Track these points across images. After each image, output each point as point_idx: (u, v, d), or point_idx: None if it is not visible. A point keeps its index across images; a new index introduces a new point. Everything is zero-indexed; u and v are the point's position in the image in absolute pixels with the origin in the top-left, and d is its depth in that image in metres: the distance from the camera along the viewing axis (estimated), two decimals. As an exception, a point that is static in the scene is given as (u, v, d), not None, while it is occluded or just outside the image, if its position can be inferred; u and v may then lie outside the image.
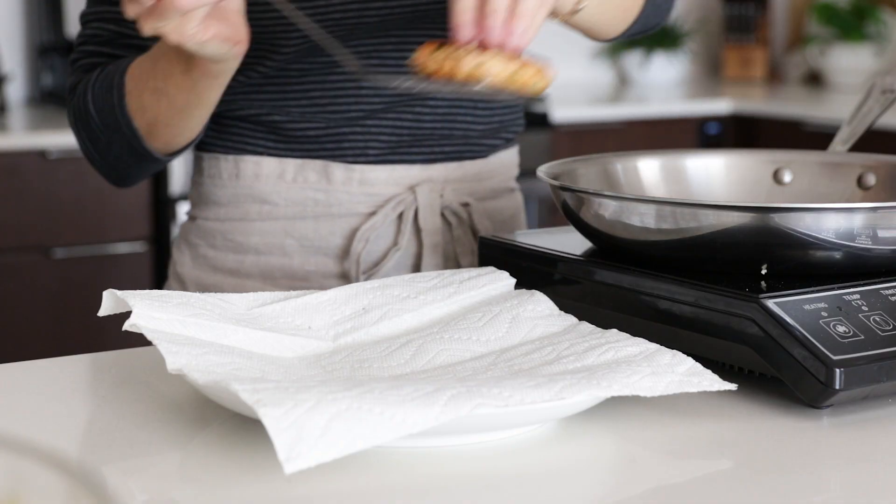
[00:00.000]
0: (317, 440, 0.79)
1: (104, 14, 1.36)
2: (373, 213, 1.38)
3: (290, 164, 1.38)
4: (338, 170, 1.37)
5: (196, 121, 1.29)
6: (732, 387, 0.93)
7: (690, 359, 0.95)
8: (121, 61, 1.31)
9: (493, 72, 0.99)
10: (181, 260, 1.45)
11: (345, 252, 1.38)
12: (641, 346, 0.97)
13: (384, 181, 1.38)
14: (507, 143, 1.47)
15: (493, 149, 1.44)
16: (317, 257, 1.38)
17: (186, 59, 1.21)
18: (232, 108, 1.38)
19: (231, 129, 1.39)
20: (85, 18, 1.38)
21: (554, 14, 1.12)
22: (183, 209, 2.99)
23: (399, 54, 1.35)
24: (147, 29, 1.10)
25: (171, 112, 1.27)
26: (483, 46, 1.02)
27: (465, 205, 1.41)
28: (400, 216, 1.38)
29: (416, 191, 1.38)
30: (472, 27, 1.01)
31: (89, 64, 1.36)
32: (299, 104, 1.37)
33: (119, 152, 1.33)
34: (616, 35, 1.37)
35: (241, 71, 1.35)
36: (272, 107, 1.37)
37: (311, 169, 1.38)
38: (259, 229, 1.39)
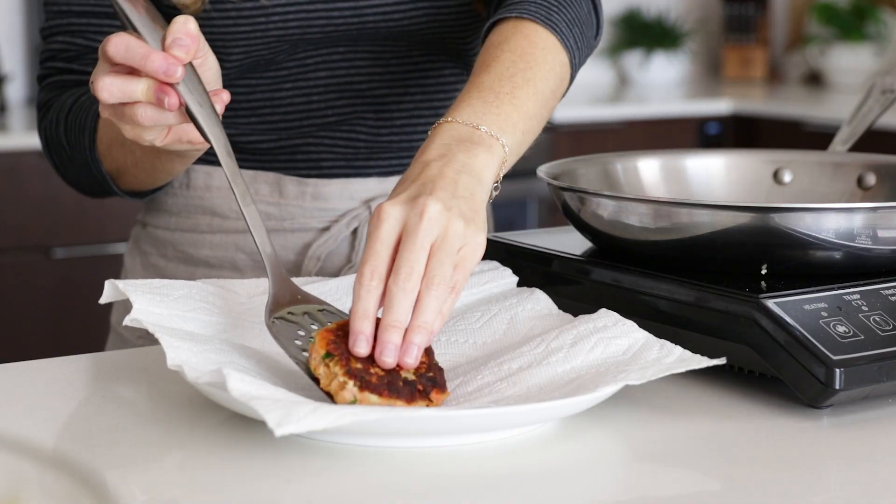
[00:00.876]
0: (306, 414, 0.81)
1: (70, 27, 1.30)
2: (326, 229, 1.34)
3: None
4: (290, 183, 1.33)
5: (164, 177, 1.25)
6: (720, 361, 0.93)
7: (678, 348, 0.96)
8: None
9: None
10: (132, 268, 1.41)
11: (296, 268, 1.33)
12: (630, 336, 0.98)
13: (338, 195, 1.33)
14: None
15: None
16: None
17: None
18: None
19: None
20: (48, 31, 1.31)
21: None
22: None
23: (348, 64, 1.31)
24: (104, 114, 1.05)
25: (138, 170, 1.24)
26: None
27: None
28: (354, 232, 1.34)
29: (371, 206, 1.33)
30: (367, 344, 0.90)
31: (59, 82, 1.30)
32: (248, 121, 1.33)
33: (90, 185, 1.29)
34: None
35: None
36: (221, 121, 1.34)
37: (263, 181, 1.33)
38: (210, 242, 1.35)
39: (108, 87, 1.00)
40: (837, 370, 0.94)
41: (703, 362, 0.94)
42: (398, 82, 1.34)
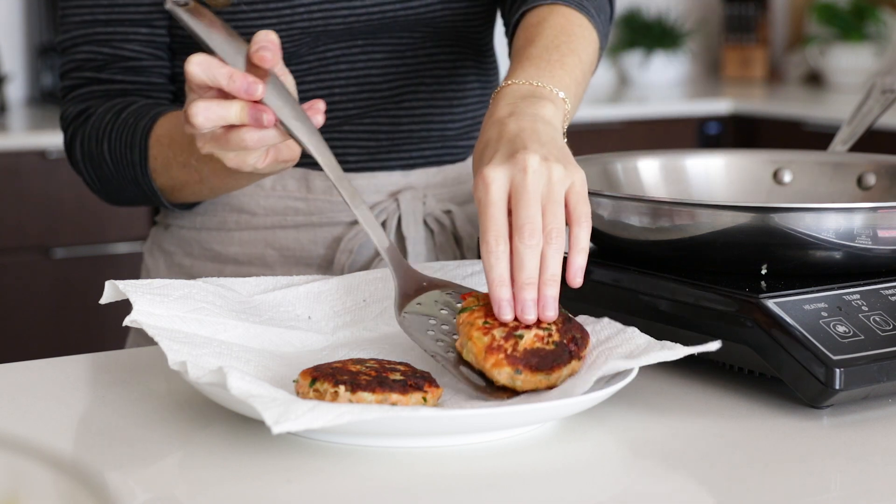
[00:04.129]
0: (304, 412, 0.81)
1: (96, 36, 1.30)
2: (354, 222, 1.35)
3: None
4: (318, 178, 1.34)
5: (228, 191, 1.27)
6: (716, 346, 0.93)
7: (679, 346, 0.96)
8: (138, 109, 1.27)
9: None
10: (154, 267, 1.42)
11: (327, 262, 1.35)
12: (632, 343, 0.97)
13: (365, 189, 1.35)
14: None
15: (471, 150, 1.42)
16: (298, 268, 1.35)
17: None
18: None
19: None
20: (70, 42, 1.31)
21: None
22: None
23: (366, 57, 1.33)
24: (206, 149, 1.05)
25: (201, 187, 1.25)
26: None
27: (448, 212, 1.38)
28: (383, 224, 1.35)
29: (398, 198, 1.35)
30: (511, 308, 0.94)
31: (88, 93, 1.31)
32: None
33: (131, 197, 1.31)
34: None
35: None
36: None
37: (290, 177, 1.35)
38: (238, 239, 1.36)
39: (204, 112, 1.00)
40: (837, 370, 0.94)
41: (696, 349, 0.93)
42: (413, 74, 1.37)
